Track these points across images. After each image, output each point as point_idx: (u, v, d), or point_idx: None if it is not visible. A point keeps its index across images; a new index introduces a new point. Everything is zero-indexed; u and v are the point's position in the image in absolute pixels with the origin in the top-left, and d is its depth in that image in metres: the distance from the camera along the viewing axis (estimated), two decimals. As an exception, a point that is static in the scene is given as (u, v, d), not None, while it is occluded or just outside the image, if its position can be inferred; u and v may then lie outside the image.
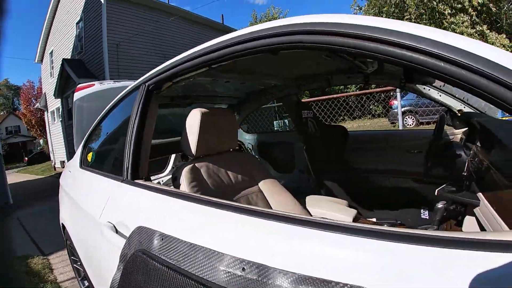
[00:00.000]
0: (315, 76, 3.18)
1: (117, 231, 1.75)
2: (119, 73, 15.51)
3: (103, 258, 1.94)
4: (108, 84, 4.99)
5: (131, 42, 16.32)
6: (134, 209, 1.77)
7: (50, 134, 23.30)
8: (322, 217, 1.08)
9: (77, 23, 18.01)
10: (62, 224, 3.11)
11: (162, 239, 1.35)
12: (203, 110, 2.06)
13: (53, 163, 23.24)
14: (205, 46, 1.66)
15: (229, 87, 3.12)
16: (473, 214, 1.64)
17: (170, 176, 3.03)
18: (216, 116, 2.18)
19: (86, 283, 3.08)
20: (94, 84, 4.91)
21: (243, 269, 1.02)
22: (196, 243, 1.21)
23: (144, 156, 1.94)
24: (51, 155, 23.54)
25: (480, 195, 1.58)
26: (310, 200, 2.51)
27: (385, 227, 0.91)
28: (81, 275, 3.22)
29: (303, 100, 4.50)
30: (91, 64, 16.85)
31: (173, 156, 3.84)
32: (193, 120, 2.04)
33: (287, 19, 1.32)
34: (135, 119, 1.94)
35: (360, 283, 0.84)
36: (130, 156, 1.90)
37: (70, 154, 16.40)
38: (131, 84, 2.39)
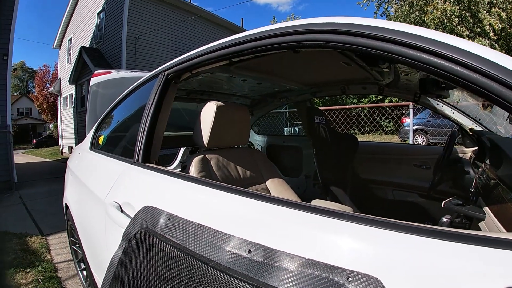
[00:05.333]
0: (331, 83, 3.21)
1: (122, 211, 1.77)
2: (135, 65, 15.61)
3: (104, 238, 1.96)
4: (125, 73, 5.01)
5: (150, 36, 16.42)
6: (142, 190, 1.79)
7: (61, 119, 23.42)
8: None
9: (99, 13, 18.09)
10: (66, 204, 3.14)
11: (169, 219, 1.36)
12: (219, 103, 2.08)
13: (61, 148, 23.31)
14: (227, 40, 1.69)
15: (244, 86, 3.15)
16: (478, 229, 1.64)
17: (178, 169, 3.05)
18: (231, 111, 2.20)
19: (82, 266, 3.10)
20: (111, 72, 4.92)
21: (249, 251, 1.03)
22: (204, 223, 1.23)
23: (156, 142, 1.97)
24: (60, 140, 23.65)
25: (486, 209, 1.58)
26: (316, 203, 2.51)
27: (394, 220, 0.93)
28: (79, 257, 3.24)
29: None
30: (108, 54, 16.93)
31: (181, 150, 3.86)
32: (208, 112, 2.06)
33: (312, 18, 1.35)
34: (151, 105, 1.96)
35: (366, 272, 0.85)
36: (143, 140, 1.92)
37: (79, 140, 16.47)
38: (147, 74, 2.42)
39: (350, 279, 0.85)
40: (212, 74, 2.52)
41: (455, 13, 19.40)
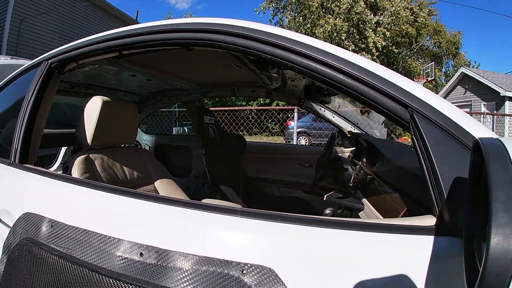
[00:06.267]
0: (222, 84, 3.27)
1: None
2: (17, 51, 13.96)
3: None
4: (4, 59, 4.52)
5: (37, 20, 14.53)
6: (20, 195, 1.63)
7: None
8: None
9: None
10: None
11: (52, 226, 1.26)
12: (105, 98, 1.96)
13: None
14: (118, 31, 1.62)
15: (133, 82, 3.03)
16: (359, 218, 1.81)
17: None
18: (118, 107, 2.11)
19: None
20: (-12, 58, 4.42)
21: (141, 254, 1.01)
22: (90, 229, 1.16)
23: (35, 139, 1.78)
24: None
25: (364, 200, 1.77)
26: (206, 202, 2.53)
27: (283, 213, 1.00)
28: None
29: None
30: (-13, 35, 14.94)
31: (62, 150, 3.60)
32: (93, 108, 1.93)
33: (208, 18, 1.37)
34: (31, 97, 1.77)
35: (259, 263, 0.91)
36: (20, 137, 1.72)
37: None
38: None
39: (244, 271, 0.90)
40: (100, 67, 2.36)
41: (344, 28, 21.18)
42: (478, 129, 0.92)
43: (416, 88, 1.01)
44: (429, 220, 0.90)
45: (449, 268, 0.82)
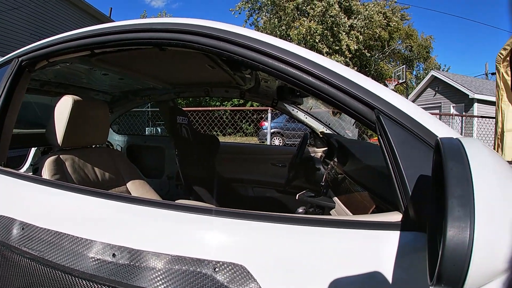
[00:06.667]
0: (195, 84, 3.26)
1: None
2: None
3: None
4: (-30, 56, 4.35)
5: (8, 16, 13.98)
6: None
7: None
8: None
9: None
10: None
11: (23, 229, 1.25)
12: (76, 97, 1.93)
13: None
14: (90, 29, 1.60)
15: (105, 81, 2.98)
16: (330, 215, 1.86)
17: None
18: (89, 107, 2.08)
19: None
20: (-49, 54, 4.25)
21: (114, 255, 1.02)
22: (62, 231, 1.15)
23: (5, 140, 1.73)
24: None
25: (335, 199, 1.81)
26: (179, 202, 2.52)
27: (249, 211, 1.03)
28: None
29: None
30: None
31: (32, 151, 3.52)
32: (63, 107, 1.90)
33: (182, 18, 1.37)
34: (0, 96, 1.73)
35: (231, 260, 0.93)
36: None
37: None
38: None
39: (216, 269, 0.92)
40: (71, 65, 2.30)
41: (318, 31, 21.47)
42: (441, 129, 0.97)
43: (382, 91, 1.05)
44: (396, 216, 0.94)
45: (415, 260, 0.86)
